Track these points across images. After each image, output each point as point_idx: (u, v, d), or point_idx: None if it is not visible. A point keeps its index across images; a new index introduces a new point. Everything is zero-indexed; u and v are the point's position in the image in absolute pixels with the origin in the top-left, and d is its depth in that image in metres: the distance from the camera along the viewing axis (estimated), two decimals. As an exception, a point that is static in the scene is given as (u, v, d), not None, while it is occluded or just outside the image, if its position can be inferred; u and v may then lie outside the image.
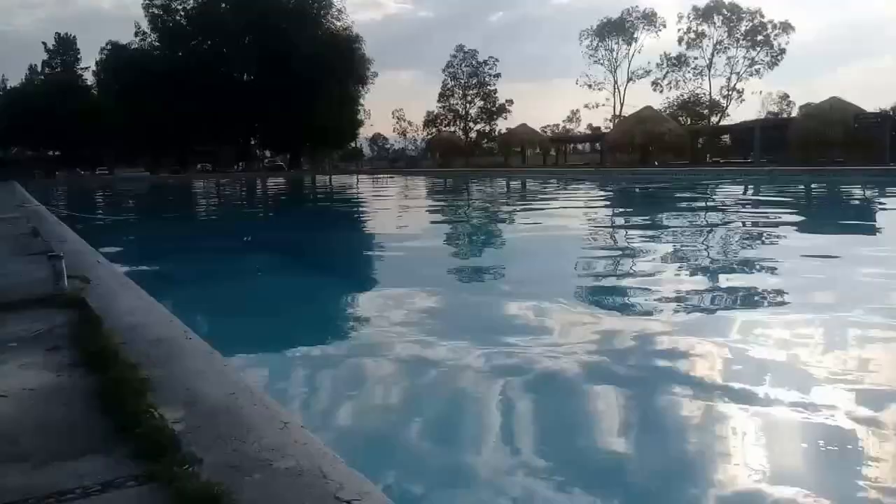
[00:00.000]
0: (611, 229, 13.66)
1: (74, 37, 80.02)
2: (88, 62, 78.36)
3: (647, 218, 15.83)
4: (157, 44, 67.09)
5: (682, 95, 72.55)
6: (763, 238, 11.11)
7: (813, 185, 25.24)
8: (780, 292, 6.65)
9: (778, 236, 11.21)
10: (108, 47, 68.51)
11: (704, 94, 71.63)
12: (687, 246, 10.44)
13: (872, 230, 12.49)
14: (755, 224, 13.25)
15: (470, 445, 3.29)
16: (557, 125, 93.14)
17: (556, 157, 67.71)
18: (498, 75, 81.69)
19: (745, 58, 68.02)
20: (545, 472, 3.01)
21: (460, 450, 3.25)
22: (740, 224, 13.43)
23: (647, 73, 73.56)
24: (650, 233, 12.53)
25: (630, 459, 3.15)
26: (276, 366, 4.68)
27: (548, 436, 3.40)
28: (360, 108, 71.55)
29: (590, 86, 76.61)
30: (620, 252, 10.02)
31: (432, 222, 16.72)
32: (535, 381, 4.10)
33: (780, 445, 3.25)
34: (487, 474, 2.99)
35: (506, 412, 3.65)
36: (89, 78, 77.27)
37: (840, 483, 2.87)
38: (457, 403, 3.86)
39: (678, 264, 8.59)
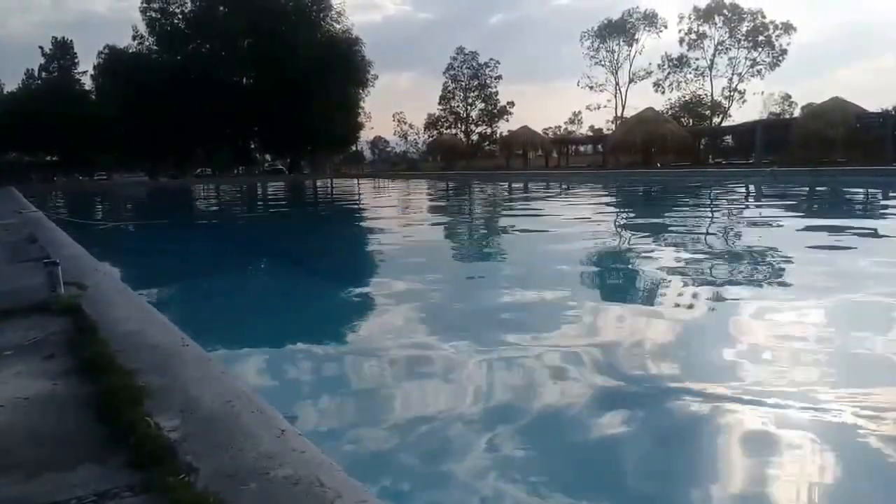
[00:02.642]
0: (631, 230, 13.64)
1: (72, 41, 79.85)
2: (86, 66, 78.26)
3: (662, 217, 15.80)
4: (154, 47, 66.92)
5: (684, 96, 72.45)
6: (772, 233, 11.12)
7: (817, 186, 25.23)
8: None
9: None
10: (106, 51, 68.43)
11: (706, 94, 71.62)
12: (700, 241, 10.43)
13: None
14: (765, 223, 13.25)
15: (471, 453, 3.25)
16: (559, 127, 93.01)
17: (559, 159, 67.67)
18: (499, 77, 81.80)
19: (746, 58, 67.89)
20: (549, 478, 2.98)
21: (461, 457, 3.22)
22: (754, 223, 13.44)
23: (649, 74, 73.45)
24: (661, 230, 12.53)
25: (635, 462, 3.12)
26: (274, 372, 4.65)
27: (548, 439, 3.38)
28: (360, 110, 71.45)
29: (591, 87, 76.50)
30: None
31: (439, 224, 16.72)
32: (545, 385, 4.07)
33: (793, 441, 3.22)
34: (489, 482, 2.95)
35: (510, 417, 3.62)
36: (87, 82, 77.29)
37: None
38: (458, 409, 3.82)
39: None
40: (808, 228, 12.72)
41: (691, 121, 69.66)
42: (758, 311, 5.78)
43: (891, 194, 20.35)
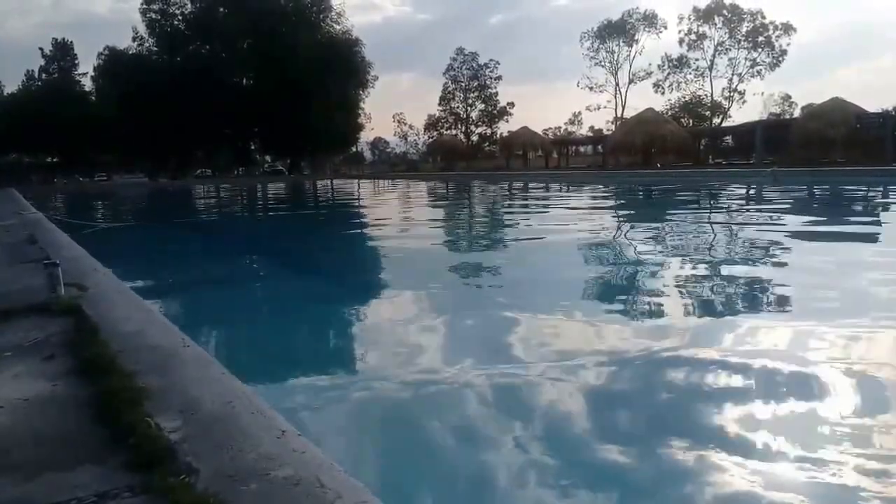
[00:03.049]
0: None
1: (72, 42, 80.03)
2: (86, 68, 78.21)
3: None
4: (155, 49, 66.91)
5: (684, 97, 72.46)
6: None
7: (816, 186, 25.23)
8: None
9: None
10: (106, 52, 68.41)
11: (706, 95, 71.60)
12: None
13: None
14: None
15: (469, 451, 3.25)
16: (559, 127, 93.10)
17: (559, 159, 67.71)
18: (499, 78, 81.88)
19: (746, 59, 67.90)
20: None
21: (458, 455, 3.21)
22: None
23: (649, 74, 73.46)
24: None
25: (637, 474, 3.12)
26: (274, 373, 4.64)
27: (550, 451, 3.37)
28: (360, 111, 71.44)
29: (591, 88, 76.59)
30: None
31: (440, 224, 16.72)
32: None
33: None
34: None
35: (512, 427, 3.62)
36: (87, 83, 77.29)
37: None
38: (458, 414, 3.82)
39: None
40: (810, 228, 12.73)
41: (691, 121, 69.64)
42: (765, 314, 5.79)
43: (891, 195, 20.36)
